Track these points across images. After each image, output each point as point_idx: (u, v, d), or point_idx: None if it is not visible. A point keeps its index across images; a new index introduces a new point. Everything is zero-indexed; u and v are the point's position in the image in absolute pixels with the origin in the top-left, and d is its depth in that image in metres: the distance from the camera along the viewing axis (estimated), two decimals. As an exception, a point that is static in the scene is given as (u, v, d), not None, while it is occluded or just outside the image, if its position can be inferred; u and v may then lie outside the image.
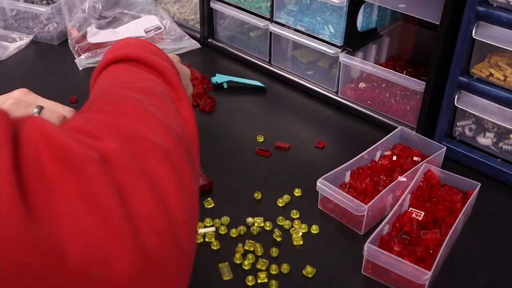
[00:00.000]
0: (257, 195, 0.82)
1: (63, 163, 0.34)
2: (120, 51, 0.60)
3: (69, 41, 1.22)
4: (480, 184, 0.78)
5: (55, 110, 0.73)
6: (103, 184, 0.35)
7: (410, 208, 0.77)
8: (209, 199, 0.81)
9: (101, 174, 0.36)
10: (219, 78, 1.11)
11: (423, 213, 0.76)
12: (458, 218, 0.73)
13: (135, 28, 1.26)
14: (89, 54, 1.18)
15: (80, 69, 1.14)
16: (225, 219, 0.78)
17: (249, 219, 0.77)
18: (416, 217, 0.76)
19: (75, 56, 1.18)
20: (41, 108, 0.72)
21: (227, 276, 0.69)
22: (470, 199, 0.76)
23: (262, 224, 0.77)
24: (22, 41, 1.24)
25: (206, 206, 0.80)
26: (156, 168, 0.41)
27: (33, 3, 1.32)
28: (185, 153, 0.47)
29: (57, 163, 0.34)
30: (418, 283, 0.65)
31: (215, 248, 0.74)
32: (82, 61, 1.16)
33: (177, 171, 0.43)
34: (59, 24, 1.28)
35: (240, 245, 0.73)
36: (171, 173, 0.42)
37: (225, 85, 1.11)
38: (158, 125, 0.46)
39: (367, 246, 0.68)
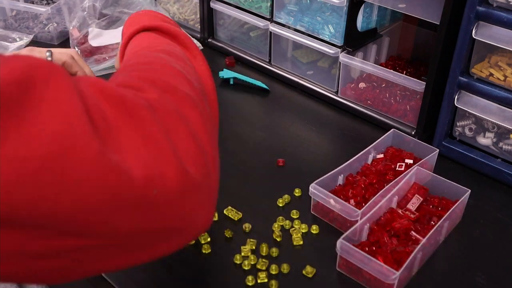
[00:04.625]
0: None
1: (120, 108, 0.42)
2: (136, 25, 0.68)
3: (70, 41, 1.22)
4: (469, 190, 0.77)
5: (63, 52, 0.92)
6: (153, 123, 0.43)
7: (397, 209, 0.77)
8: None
9: (150, 116, 0.44)
10: (226, 74, 1.13)
11: (407, 212, 0.76)
12: (438, 224, 0.72)
13: None
14: (94, 59, 1.17)
15: None
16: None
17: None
18: (399, 217, 0.75)
19: None
20: (51, 52, 0.91)
21: None
22: (454, 206, 0.75)
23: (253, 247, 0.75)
24: (22, 41, 1.24)
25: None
26: (189, 113, 0.49)
27: (33, 3, 1.32)
28: (205, 102, 0.55)
29: (115, 108, 0.41)
30: (387, 283, 0.65)
31: (207, 251, 0.74)
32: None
33: (203, 115, 0.51)
34: (59, 24, 1.28)
35: (243, 247, 0.73)
36: (199, 117, 0.50)
37: (231, 81, 1.13)
38: (183, 79, 0.54)
39: (340, 242, 0.68)
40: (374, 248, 0.70)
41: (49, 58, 0.91)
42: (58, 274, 0.42)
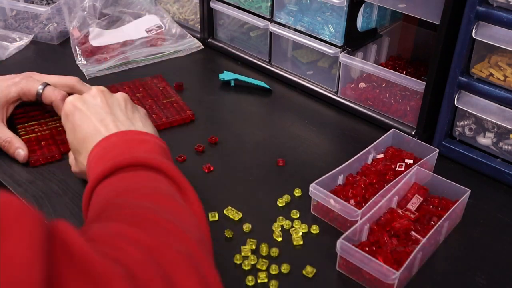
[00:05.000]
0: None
1: (85, 277, 0.34)
2: (106, 164, 0.57)
3: (71, 41, 1.22)
4: (469, 190, 0.77)
5: (60, 83, 0.87)
6: None
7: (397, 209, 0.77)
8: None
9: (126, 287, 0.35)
10: (226, 75, 1.12)
11: (407, 212, 0.76)
12: (438, 224, 0.72)
13: (136, 27, 1.26)
14: (95, 59, 1.17)
15: (88, 78, 1.12)
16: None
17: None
18: (400, 216, 0.75)
19: (77, 57, 1.18)
20: (45, 84, 0.86)
21: None
22: (454, 206, 0.75)
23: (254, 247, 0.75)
24: (22, 41, 1.24)
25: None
26: (180, 278, 0.41)
27: (33, 3, 1.32)
28: (205, 252, 0.48)
29: (79, 278, 0.34)
30: (387, 283, 0.65)
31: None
32: (90, 69, 1.14)
33: (199, 274, 0.43)
34: (59, 24, 1.28)
35: (243, 247, 0.73)
36: (194, 279, 0.42)
37: (232, 83, 1.12)
38: (177, 231, 0.46)
39: (340, 242, 0.68)
40: (374, 248, 0.70)
41: (40, 91, 0.86)
42: None
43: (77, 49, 1.19)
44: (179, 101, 1.04)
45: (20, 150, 0.85)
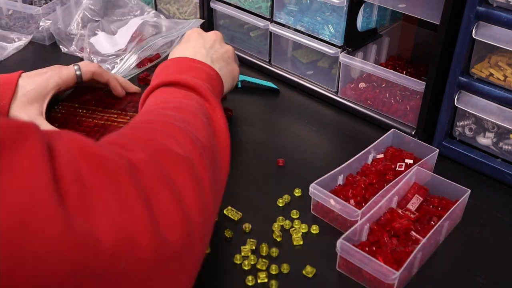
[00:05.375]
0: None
1: (98, 169, 0.40)
2: (157, 79, 0.71)
3: (73, 43, 1.22)
4: (469, 190, 0.77)
5: (89, 64, 0.95)
6: (132, 187, 0.41)
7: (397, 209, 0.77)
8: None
9: (131, 180, 0.41)
10: None
11: (407, 212, 0.76)
12: (438, 224, 0.72)
13: (127, 30, 1.24)
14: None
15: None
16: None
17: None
18: (400, 216, 0.75)
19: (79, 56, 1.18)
20: (79, 66, 0.93)
21: None
22: (452, 208, 0.74)
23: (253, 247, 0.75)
24: (20, 41, 1.24)
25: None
26: (178, 176, 0.47)
27: (31, 4, 1.32)
28: (209, 162, 0.54)
29: (93, 169, 0.39)
30: (387, 283, 0.65)
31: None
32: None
33: (197, 179, 0.49)
34: (54, 24, 1.27)
35: (243, 247, 0.73)
36: (191, 181, 0.48)
37: (239, 84, 1.11)
38: (184, 137, 0.52)
39: (340, 242, 0.68)
40: (374, 248, 0.70)
41: (78, 73, 0.93)
42: None
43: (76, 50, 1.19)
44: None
45: None
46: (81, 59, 1.17)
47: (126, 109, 0.98)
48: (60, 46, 1.23)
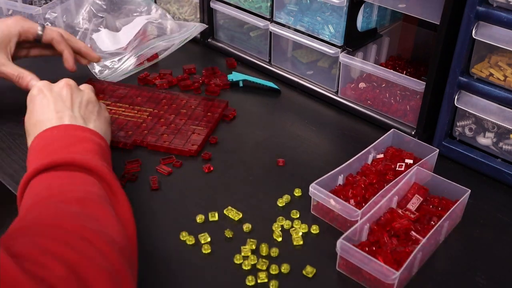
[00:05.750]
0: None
1: None
2: (45, 159, 0.59)
3: (77, 37, 1.21)
4: (469, 190, 0.77)
5: (53, 29, 0.94)
6: None
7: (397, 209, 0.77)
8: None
9: None
10: (234, 76, 1.12)
11: (407, 212, 0.76)
12: (438, 224, 0.72)
13: (131, 29, 1.25)
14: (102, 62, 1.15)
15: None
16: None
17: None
18: (399, 216, 0.75)
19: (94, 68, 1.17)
20: (43, 26, 0.93)
21: None
22: (454, 206, 0.74)
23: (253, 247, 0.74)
24: (21, 41, 1.24)
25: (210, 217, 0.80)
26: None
27: (31, 4, 1.32)
28: (127, 263, 0.50)
29: None
30: (387, 283, 0.65)
31: (207, 251, 0.74)
32: (102, 73, 1.14)
33: (119, 285, 0.47)
34: (54, 24, 1.27)
35: (243, 247, 0.73)
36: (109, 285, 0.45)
37: (241, 84, 1.12)
38: (100, 243, 0.48)
39: (340, 242, 0.68)
40: (374, 248, 0.70)
41: (40, 32, 0.94)
42: None
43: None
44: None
45: (33, 81, 0.88)
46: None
47: (134, 103, 1.01)
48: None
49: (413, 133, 0.95)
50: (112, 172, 0.62)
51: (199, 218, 0.77)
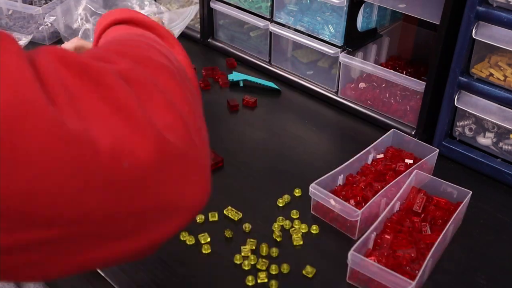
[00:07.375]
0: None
1: (83, 77, 0.37)
2: (108, 18, 0.63)
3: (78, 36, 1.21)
4: (471, 192, 0.77)
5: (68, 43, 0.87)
6: (123, 91, 0.39)
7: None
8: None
9: (119, 83, 0.39)
10: (235, 76, 1.12)
11: (413, 215, 0.76)
12: (444, 231, 0.71)
13: None
14: None
15: None
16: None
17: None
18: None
19: None
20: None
21: None
22: (456, 211, 0.74)
23: (253, 247, 0.74)
24: (20, 41, 1.24)
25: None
26: (166, 82, 0.44)
27: (31, 4, 1.32)
28: (185, 76, 0.51)
29: (78, 77, 0.37)
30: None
31: (207, 251, 0.74)
32: None
33: (183, 86, 0.47)
34: (53, 24, 1.27)
35: (243, 247, 0.73)
36: (178, 87, 0.46)
37: (241, 83, 1.12)
38: (160, 53, 0.49)
39: (351, 254, 0.67)
40: (384, 260, 0.69)
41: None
42: (34, 270, 0.37)
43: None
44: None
45: None
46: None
47: None
48: (65, 42, 1.22)
49: (413, 133, 0.95)
50: (170, 33, 0.64)
51: (199, 218, 0.77)
